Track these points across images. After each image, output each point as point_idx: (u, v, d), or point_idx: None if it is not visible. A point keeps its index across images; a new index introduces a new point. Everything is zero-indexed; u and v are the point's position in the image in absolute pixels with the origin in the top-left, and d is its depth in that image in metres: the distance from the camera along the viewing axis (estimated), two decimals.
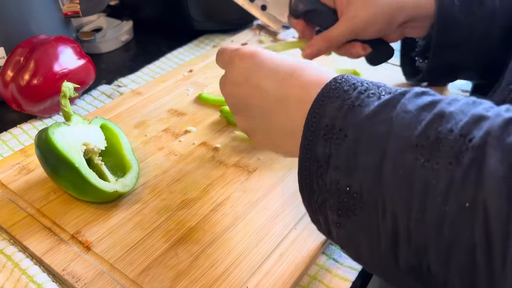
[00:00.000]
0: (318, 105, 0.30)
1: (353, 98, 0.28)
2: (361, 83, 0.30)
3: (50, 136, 0.40)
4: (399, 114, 0.26)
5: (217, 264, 0.37)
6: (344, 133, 0.28)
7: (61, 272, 0.37)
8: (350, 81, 0.30)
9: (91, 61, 0.59)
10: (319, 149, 0.29)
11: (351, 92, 0.29)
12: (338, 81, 0.30)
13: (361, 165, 0.26)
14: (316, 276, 0.38)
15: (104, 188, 0.41)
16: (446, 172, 0.23)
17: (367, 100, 0.28)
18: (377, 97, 0.28)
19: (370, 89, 0.29)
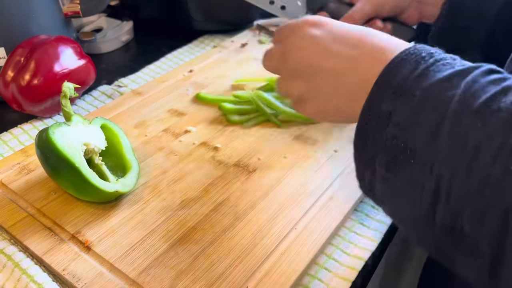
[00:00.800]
0: (394, 65, 0.30)
1: (428, 64, 0.29)
2: (438, 53, 0.31)
3: (50, 136, 0.40)
4: (468, 83, 0.27)
5: (217, 264, 0.37)
6: (412, 92, 0.29)
7: (61, 272, 0.37)
8: (429, 50, 0.31)
9: (91, 61, 0.59)
10: (383, 105, 0.29)
11: (428, 59, 0.30)
12: (417, 48, 0.31)
13: (422, 123, 0.27)
14: (316, 276, 0.38)
15: (104, 188, 0.41)
16: (499, 136, 0.24)
17: (441, 67, 0.29)
18: (451, 66, 0.29)
19: (446, 59, 0.30)
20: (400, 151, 0.28)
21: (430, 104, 0.28)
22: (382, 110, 0.30)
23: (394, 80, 0.30)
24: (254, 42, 0.76)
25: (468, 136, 0.25)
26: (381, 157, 0.30)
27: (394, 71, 0.30)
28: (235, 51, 0.73)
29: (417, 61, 0.30)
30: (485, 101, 0.26)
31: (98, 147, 0.44)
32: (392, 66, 0.30)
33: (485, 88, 0.27)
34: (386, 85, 0.30)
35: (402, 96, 0.29)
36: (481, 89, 0.27)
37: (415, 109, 0.28)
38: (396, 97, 0.29)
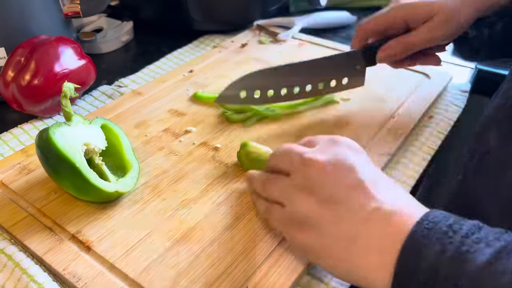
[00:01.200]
0: (412, 247, 0.28)
1: (457, 243, 0.27)
2: (459, 225, 0.28)
3: (50, 136, 0.40)
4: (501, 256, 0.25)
5: (217, 264, 0.38)
6: (454, 282, 0.26)
7: (61, 271, 0.37)
8: (447, 221, 0.29)
9: (91, 62, 0.59)
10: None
11: (452, 235, 0.28)
12: (432, 220, 0.29)
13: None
14: (316, 276, 0.38)
15: (104, 188, 0.41)
16: None
17: (476, 247, 0.27)
18: (486, 244, 0.27)
19: (474, 233, 0.28)
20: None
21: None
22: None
23: (420, 266, 0.27)
24: (254, 42, 0.76)
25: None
26: None
27: (416, 255, 0.27)
28: (235, 51, 0.73)
29: (440, 239, 0.27)
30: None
31: (98, 147, 0.44)
32: (410, 248, 0.28)
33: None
34: (412, 271, 0.27)
35: (437, 286, 0.26)
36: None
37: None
38: (430, 286, 0.27)
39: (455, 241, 0.27)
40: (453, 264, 0.26)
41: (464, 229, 0.28)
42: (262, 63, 0.69)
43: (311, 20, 0.81)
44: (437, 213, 0.30)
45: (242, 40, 0.76)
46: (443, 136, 0.56)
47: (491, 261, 0.26)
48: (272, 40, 0.76)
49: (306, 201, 0.33)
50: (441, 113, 0.60)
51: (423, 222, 0.29)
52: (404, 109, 0.58)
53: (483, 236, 0.27)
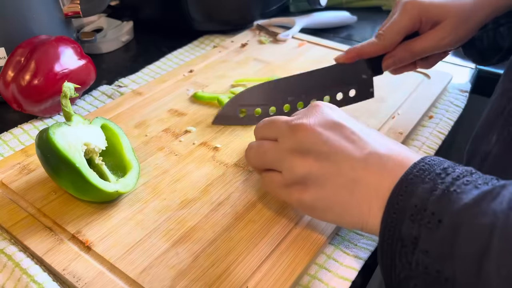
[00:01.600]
0: (407, 183, 0.29)
1: (447, 183, 0.28)
2: (452, 168, 0.29)
3: (51, 136, 0.40)
4: (504, 211, 0.26)
5: (217, 264, 0.38)
6: (438, 218, 0.27)
7: (61, 271, 0.37)
8: (442, 164, 0.30)
9: (91, 62, 0.59)
10: (404, 229, 0.28)
11: (444, 176, 0.29)
12: (428, 162, 0.30)
13: (459, 255, 0.26)
14: (316, 276, 0.38)
15: (105, 188, 0.41)
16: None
17: (464, 187, 0.28)
18: (474, 186, 0.28)
19: (465, 176, 0.29)
20: (435, 278, 0.27)
21: (465, 234, 0.26)
22: (403, 234, 0.28)
23: (410, 202, 0.28)
24: (254, 42, 0.76)
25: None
26: (415, 281, 0.28)
27: (408, 191, 0.29)
28: (235, 51, 0.73)
29: (433, 180, 0.29)
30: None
31: (98, 147, 0.44)
32: (404, 184, 0.29)
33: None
34: (402, 206, 0.29)
35: (424, 221, 0.27)
36: None
37: (447, 239, 0.26)
38: (416, 220, 0.28)
39: (445, 181, 0.28)
40: (440, 202, 0.27)
41: (457, 172, 0.29)
42: (262, 63, 0.69)
43: (311, 20, 0.81)
44: (434, 157, 0.31)
45: (242, 40, 0.76)
46: (443, 136, 0.56)
47: (475, 202, 0.27)
48: (272, 40, 0.76)
49: (303, 163, 0.35)
50: (441, 113, 0.60)
51: (419, 163, 0.30)
52: (404, 109, 0.58)
53: (473, 179, 0.28)
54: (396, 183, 0.30)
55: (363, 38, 0.81)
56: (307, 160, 0.35)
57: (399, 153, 0.32)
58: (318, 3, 0.82)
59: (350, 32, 0.83)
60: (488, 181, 0.28)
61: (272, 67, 0.68)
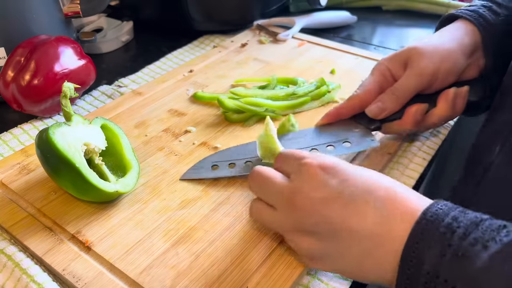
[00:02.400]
0: (414, 248, 0.29)
1: (455, 246, 0.28)
2: (457, 222, 0.29)
3: (50, 136, 0.40)
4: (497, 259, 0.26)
5: (217, 264, 0.37)
6: (452, 285, 0.27)
7: (61, 272, 0.37)
8: (444, 221, 0.29)
9: (91, 61, 0.59)
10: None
11: (450, 237, 0.28)
12: (430, 219, 0.29)
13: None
14: (316, 276, 0.38)
15: (104, 188, 0.41)
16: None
17: (472, 250, 0.27)
18: (482, 246, 0.27)
19: (471, 233, 0.28)
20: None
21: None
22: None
23: (422, 269, 0.28)
24: (254, 42, 0.76)
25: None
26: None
27: (417, 257, 0.28)
28: (235, 51, 0.73)
29: (440, 242, 0.28)
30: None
31: (98, 147, 0.44)
32: (412, 250, 0.29)
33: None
34: (414, 273, 0.28)
35: (438, 286, 0.27)
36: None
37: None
38: (431, 287, 0.28)
39: (453, 244, 0.28)
40: (451, 268, 0.27)
41: (461, 229, 0.28)
42: (262, 63, 0.69)
43: (311, 20, 0.81)
44: (436, 209, 0.30)
45: (242, 40, 0.76)
46: (443, 136, 0.56)
47: (487, 266, 0.26)
48: (272, 40, 0.76)
49: (308, 241, 0.34)
50: None
51: (421, 222, 0.29)
52: None
53: (480, 236, 0.28)
54: (402, 251, 0.29)
55: (363, 38, 0.81)
56: (310, 240, 0.34)
57: (401, 207, 0.31)
58: (318, 3, 0.82)
59: (350, 32, 0.83)
60: (495, 236, 0.28)
61: (272, 67, 0.68)
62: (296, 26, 0.79)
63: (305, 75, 0.65)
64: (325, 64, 0.68)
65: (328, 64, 0.68)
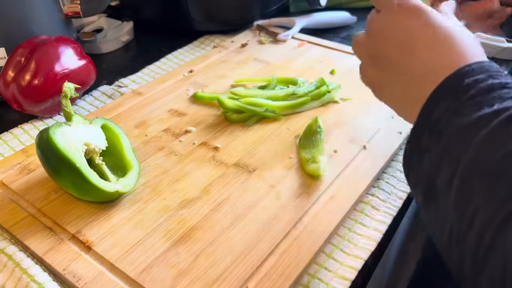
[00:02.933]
0: (434, 97, 0.32)
1: (460, 103, 0.31)
2: (474, 85, 0.31)
3: (51, 136, 0.40)
4: (485, 136, 0.28)
5: (218, 264, 0.38)
6: (443, 132, 0.30)
7: (62, 271, 0.37)
8: (465, 80, 0.31)
9: (91, 62, 0.59)
10: (424, 140, 0.32)
11: (462, 96, 0.31)
12: (456, 77, 0.32)
13: (443, 170, 0.29)
14: (316, 275, 0.38)
15: (105, 188, 0.41)
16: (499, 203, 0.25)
17: (470, 109, 0.30)
18: (479, 107, 0.30)
19: (479, 95, 0.30)
20: (430, 186, 0.30)
21: (450, 153, 0.30)
22: (423, 144, 0.32)
23: (432, 117, 0.32)
24: (254, 43, 0.76)
25: (470, 202, 0.27)
26: (420, 186, 0.32)
27: (432, 106, 0.32)
28: (235, 51, 0.73)
29: (454, 95, 0.31)
30: (496, 160, 0.27)
31: (98, 147, 0.44)
32: (430, 99, 0.32)
33: (497, 143, 0.27)
34: (426, 121, 0.32)
35: (435, 135, 0.31)
36: (494, 146, 0.27)
37: (442, 154, 0.30)
38: (432, 134, 0.31)
39: (460, 100, 0.31)
40: (450, 117, 0.31)
41: (474, 91, 0.31)
42: (262, 63, 0.69)
43: (311, 20, 0.81)
44: (468, 69, 0.32)
45: (242, 40, 0.76)
46: None
47: (471, 124, 0.29)
48: (272, 40, 0.76)
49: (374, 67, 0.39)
50: None
51: (452, 77, 0.32)
52: None
53: (484, 99, 0.30)
54: (427, 98, 0.33)
55: None
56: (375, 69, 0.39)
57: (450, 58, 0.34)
58: (318, 3, 0.82)
59: (350, 32, 0.83)
60: (495, 102, 0.30)
61: (272, 67, 0.68)
62: (296, 27, 0.79)
63: (305, 75, 0.65)
64: (325, 64, 0.68)
65: (328, 64, 0.68)
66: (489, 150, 0.27)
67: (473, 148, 0.28)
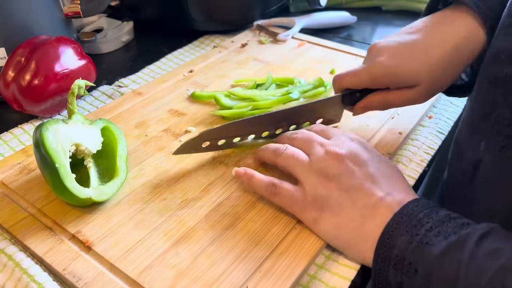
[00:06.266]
0: (388, 235, 0.34)
1: (421, 235, 0.33)
2: (427, 218, 0.34)
3: (43, 132, 0.40)
4: (465, 261, 0.30)
5: (218, 264, 0.38)
6: (415, 267, 0.32)
7: (62, 271, 0.37)
8: (417, 216, 0.34)
9: (91, 62, 0.59)
10: (391, 276, 0.33)
11: (419, 228, 0.33)
12: (406, 213, 0.35)
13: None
14: (315, 275, 0.38)
15: (77, 193, 0.40)
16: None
17: (435, 240, 0.32)
18: (444, 237, 0.32)
19: (437, 226, 0.33)
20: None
21: (435, 282, 0.31)
22: (390, 280, 0.34)
23: (392, 252, 0.34)
24: (254, 42, 0.76)
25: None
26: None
27: (390, 243, 0.34)
28: (235, 51, 0.73)
29: (410, 232, 0.34)
30: (488, 282, 0.29)
31: (89, 149, 0.43)
32: (386, 237, 0.34)
33: (484, 266, 0.30)
34: (386, 256, 0.34)
35: (404, 270, 0.33)
36: (481, 268, 0.30)
37: (423, 286, 0.32)
38: (398, 268, 0.33)
39: (420, 233, 0.33)
40: (415, 253, 0.32)
41: (430, 223, 0.33)
42: (262, 63, 0.69)
43: (311, 20, 0.81)
44: (414, 206, 0.35)
45: (242, 40, 0.76)
46: (443, 136, 0.56)
47: (441, 254, 0.31)
48: (272, 40, 0.76)
49: (326, 185, 0.39)
50: (441, 112, 0.60)
51: (400, 214, 0.35)
52: (404, 109, 0.57)
53: (444, 230, 0.33)
54: (379, 236, 0.35)
55: (363, 38, 0.81)
56: (330, 184, 0.39)
57: (398, 197, 0.37)
58: (318, 3, 0.82)
59: (350, 32, 0.83)
60: (456, 230, 0.33)
61: (272, 67, 0.68)
62: (296, 27, 0.79)
63: (305, 75, 0.65)
64: (325, 64, 0.68)
65: (328, 64, 0.68)
66: (476, 274, 0.30)
67: (461, 274, 0.30)
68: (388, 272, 0.33)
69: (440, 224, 0.33)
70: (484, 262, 0.30)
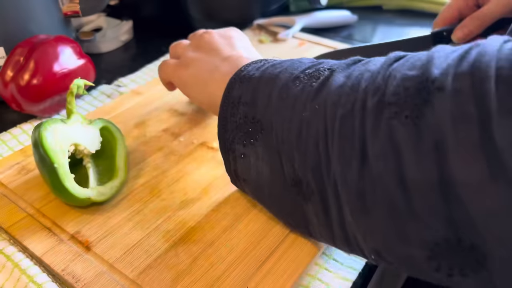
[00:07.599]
0: (244, 67, 0.39)
1: (269, 63, 0.38)
2: (280, 64, 0.37)
3: (41, 132, 0.40)
4: (293, 61, 0.36)
5: (217, 264, 0.37)
6: (252, 74, 0.37)
7: (60, 272, 0.37)
8: (272, 61, 0.39)
9: (91, 61, 0.59)
10: (235, 92, 0.37)
11: (269, 61, 0.38)
12: (259, 60, 0.40)
13: (260, 97, 0.35)
14: (316, 276, 0.38)
15: (76, 193, 0.40)
16: (308, 87, 0.32)
17: (278, 64, 0.37)
18: (259, 72, 0.37)
19: (261, 67, 0.38)
20: (251, 124, 0.35)
21: (264, 81, 0.36)
22: (233, 96, 0.37)
23: (241, 74, 0.38)
24: (254, 42, 0.76)
25: (289, 95, 0.33)
26: (238, 136, 0.36)
27: (244, 69, 0.38)
28: None
29: (261, 62, 0.39)
30: (304, 69, 0.34)
31: (87, 149, 0.43)
32: (242, 68, 0.39)
33: (306, 64, 0.35)
34: (236, 78, 0.38)
35: (246, 81, 0.37)
36: (303, 64, 0.35)
37: (255, 87, 0.36)
38: (242, 83, 0.37)
39: (268, 61, 0.38)
40: (258, 69, 0.38)
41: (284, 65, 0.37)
42: None
43: (311, 20, 0.81)
44: (269, 59, 0.39)
45: None
46: None
47: (276, 64, 0.37)
48: (272, 39, 0.76)
49: (194, 52, 0.46)
50: None
51: (253, 63, 0.39)
52: None
53: (260, 66, 0.38)
54: (236, 70, 0.39)
55: (364, 38, 0.81)
56: (197, 52, 0.46)
57: (253, 57, 0.42)
58: (318, 2, 0.82)
59: (350, 31, 0.83)
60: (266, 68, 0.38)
61: None
62: (296, 26, 0.78)
63: None
64: None
65: None
66: (298, 65, 0.35)
67: (285, 67, 0.35)
68: (234, 89, 0.37)
69: (267, 64, 0.38)
70: (309, 62, 0.36)
